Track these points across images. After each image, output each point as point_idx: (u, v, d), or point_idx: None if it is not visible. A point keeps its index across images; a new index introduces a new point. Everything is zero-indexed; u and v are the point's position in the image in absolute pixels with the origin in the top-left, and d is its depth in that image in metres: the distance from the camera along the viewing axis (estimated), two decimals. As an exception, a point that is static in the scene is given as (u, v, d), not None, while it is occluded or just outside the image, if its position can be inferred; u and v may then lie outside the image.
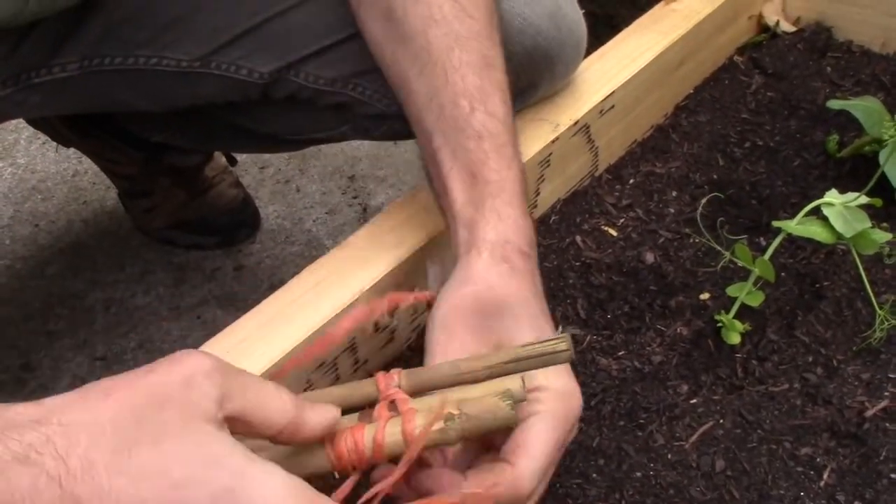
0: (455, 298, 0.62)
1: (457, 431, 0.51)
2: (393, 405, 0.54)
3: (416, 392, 0.56)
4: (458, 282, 0.63)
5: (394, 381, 0.56)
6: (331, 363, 0.72)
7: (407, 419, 0.52)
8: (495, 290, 0.61)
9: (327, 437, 0.52)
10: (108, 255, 1.33)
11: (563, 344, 0.54)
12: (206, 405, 0.43)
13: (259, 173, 1.48)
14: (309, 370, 0.69)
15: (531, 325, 0.61)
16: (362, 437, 0.52)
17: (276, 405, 0.47)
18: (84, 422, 0.39)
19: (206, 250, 1.32)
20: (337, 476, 0.53)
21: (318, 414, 0.49)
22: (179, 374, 0.43)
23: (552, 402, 0.57)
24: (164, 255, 1.32)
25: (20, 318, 1.23)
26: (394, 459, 0.52)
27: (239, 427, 0.45)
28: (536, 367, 0.55)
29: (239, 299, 1.24)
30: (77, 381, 1.14)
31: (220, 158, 1.31)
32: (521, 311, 0.61)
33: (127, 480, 0.38)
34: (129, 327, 1.21)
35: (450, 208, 0.67)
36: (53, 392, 1.10)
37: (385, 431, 0.52)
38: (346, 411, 0.57)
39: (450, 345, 0.60)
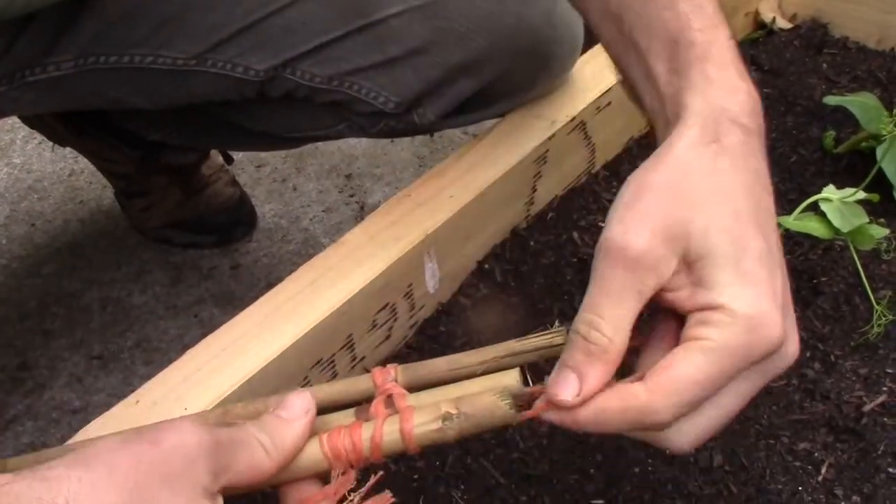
0: (645, 178, 0.50)
1: (455, 431, 0.51)
2: (390, 400, 0.54)
3: (413, 387, 0.56)
4: (653, 159, 0.51)
5: (390, 376, 0.56)
6: (328, 360, 0.72)
7: (405, 418, 0.51)
8: (692, 176, 0.49)
9: (323, 436, 0.51)
10: (104, 254, 1.32)
11: (559, 338, 0.54)
12: (207, 484, 0.44)
13: (255, 172, 1.47)
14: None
15: (730, 230, 0.48)
16: (360, 437, 0.51)
17: (262, 459, 0.47)
18: (91, 499, 0.40)
19: (202, 249, 1.32)
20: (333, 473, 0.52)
21: (295, 440, 0.50)
22: (180, 453, 0.43)
23: (728, 331, 0.46)
24: (160, 253, 1.32)
25: (16, 317, 1.22)
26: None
27: (231, 490, 0.46)
28: (532, 361, 0.55)
29: (236, 298, 1.24)
30: (74, 381, 1.14)
31: (216, 157, 1.30)
32: (721, 209, 0.49)
33: None
34: (126, 326, 1.21)
35: (654, 87, 0.56)
36: (50, 391, 1.09)
37: (383, 430, 0.51)
38: (342, 406, 0.57)
39: (632, 229, 0.48)
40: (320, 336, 0.70)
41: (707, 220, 0.48)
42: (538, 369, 0.75)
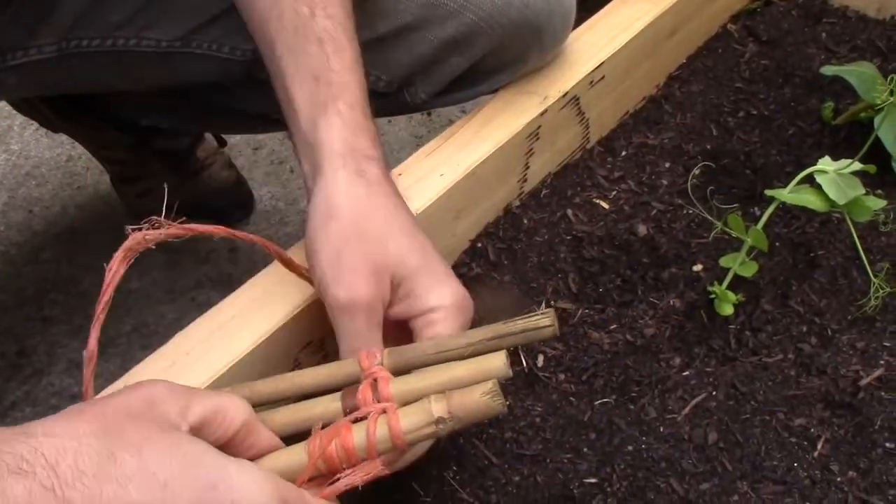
0: (332, 233, 0.61)
1: (447, 431, 0.51)
2: (376, 384, 0.54)
3: (399, 370, 0.55)
4: (325, 212, 0.62)
5: (376, 360, 0.55)
6: (318, 341, 0.71)
7: (393, 421, 0.51)
8: (366, 219, 0.61)
9: (315, 443, 0.51)
10: (102, 239, 1.32)
11: (546, 319, 0.53)
12: (172, 418, 0.45)
13: (253, 154, 1.47)
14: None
15: (412, 248, 0.61)
16: (352, 444, 0.51)
17: (231, 405, 0.49)
18: (68, 434, 0.41)
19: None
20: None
21: (266, 431, 0.52)
22: (140, 396, 0.46)
23: (447, 321, 0.59)
24: (158, 238, 1.31)
25: (15, 303, 1.23)
26: None
27: (203, 434, 0.47)
28: (521, 343, 0.54)
29: (234, 281, 1.22)
30: (72, 367, 1.14)
31: (211, 140, 1.30)
32: (398, 235, 0.61)
33: (117, 485, 0.40)
34: (124, 311, 1.21)
35: (295, 118, 0.66)
36: (49, 377, 1.10)
37: (376, 437, 0.51)
38: (329, 390, 0.57)
39: (352, 283, 0.59)
40: (310, 318, 0.69)
41: (397, 249, 0.60)
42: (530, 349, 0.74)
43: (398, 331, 0.62)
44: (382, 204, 0.62)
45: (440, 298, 0.60)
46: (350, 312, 0.59)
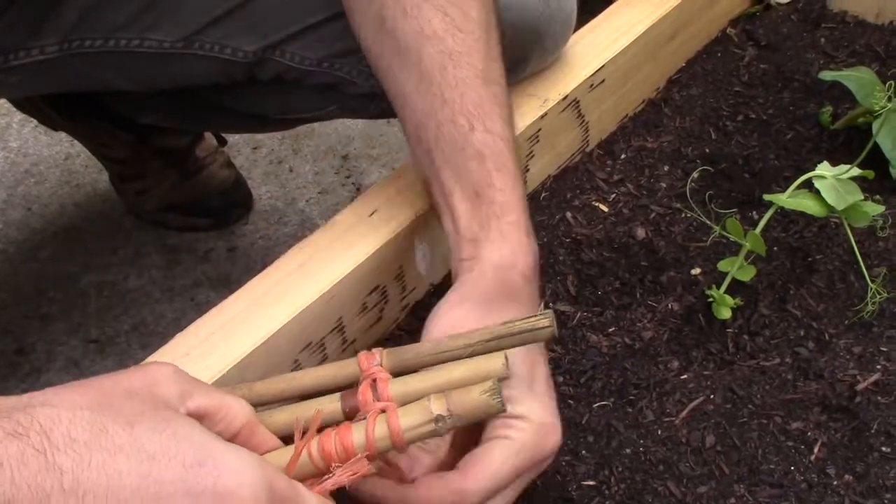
0: (450, 317, 0.61)
1: (446, 429, 0.51)
2: (375, 384, 0.54)
3: (398, 371, 0.55)
4: (456, 300, 0.62)
5: (375, 360, 0.56)
6: (318, 343, 0.71)
7: (395, 421, 0.51)
8: (491, 314, 0.60)
9: (311, 443, 0.51)
10: (101, 237, 1.32)
11: (544, 321, 0.53)
12: (170, 399, 0.46)
13: (252, 154, 1.47)
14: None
15: (525, 359, 0.59)
16: (352, 443, 0.51)
17: (234, 404, 0.50)
18: (63, 405, 0.42)
19: (198, 232, 1.31)
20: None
21: (268, 435, 0.52)
22: (143, 377, 0.46)
23: (525, 434, 0.57)
24: (156, 237, 1.31)
25: (13, 301, 1.23)
26: None
27: (203, 425, 0.47)
28: (518, 345, 0.54)
29: (232, 280, 1.24)
30: (71, 365, 1.14)
31: (210, 139, 1.30)
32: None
33: (106, 454, 0.41)
34: (123, 310, 1.21)
35: (455, 225, 0.67)
36: (47, 375, 1.10)
37: (375, 436, 0.51)
38: (329, 391, 0.57)
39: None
40: (310, 319, 0.69)
41: (511, 354, 0.57)
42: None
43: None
44: (515, 313, 0.60)
45: (530, 412, 0.58)
46: None
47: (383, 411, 0.52)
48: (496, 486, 0.56)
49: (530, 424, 0.57)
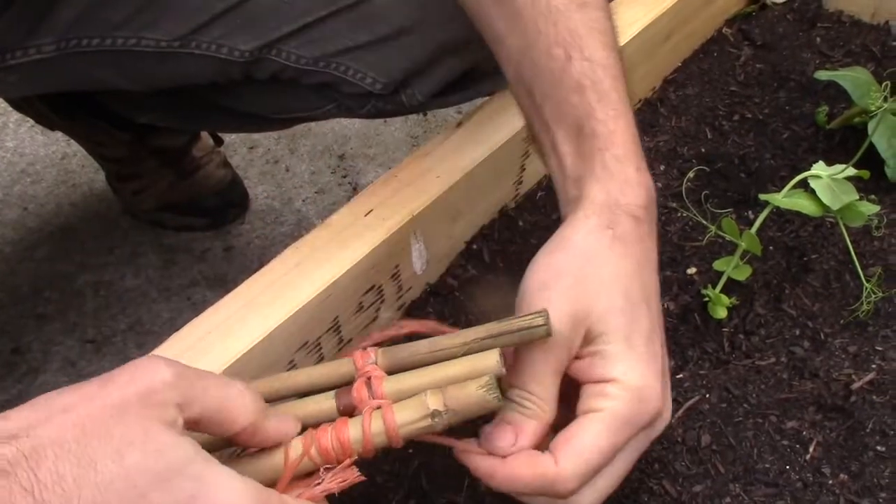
0: (553, 263, 0.58)
1: (443, 425, 0.51)
2: (370, 382, 0.54)
3: (393, 369, 0.55)
4: (556, 242, 0.59)
5: (370, 359, 0.56)
6: (314, 342, 0.71)
7: (391, 415, 0.51)
8: (593, 264, 0.57)
9: (308, 437, 0.51)
10: (97, 237, 1.32)
11: (540, 319, 0.53)
12: (166, 413, 0.44)
13: (248, 153, 1.47)
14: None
15: (624, 311, 0.56)
16: (348, 438, 0.51)
17: (238, 405, 0.48)
18: (50, 438, 0.41)
19: (195, 231, 1.31)
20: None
21: (279, 424, 0.51)
22: (137, 386, 0.44)
23: (619, 402, 0.53)
24: (153, 237, 1.31)
25: (9, 301, 1.22)
26: None
27: (202, 427, 0.47)
28: (514, 343, 0.54)
29: (229, 280, 1.24)
30: (67, 365, 1.14)
31: (207, 139, 1.30)
32: (617, 293, 0.56)
33: (95, 491, 0.40)
34: (119, 309, 1.21)
35: (559, 165, 0.62)
36: (44, 375, 1.09)
37: (371, 432, 0.51)
38: (324, 389, 0.57)
39: (541, 302, 0.56)
40: (306, 318, 0.69)
41: (606, 304, 0.55)
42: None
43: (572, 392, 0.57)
44: (618, 260, 0.57)
45: (625, 374, 0.54)
46: (530, 344, 0.55)
47: (379, 408, 0.52)
48: (592, 467, 0.52)
49: (625, 390, 0.53)
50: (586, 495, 0.54)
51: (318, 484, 0.50)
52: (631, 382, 0.54)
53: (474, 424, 0.70)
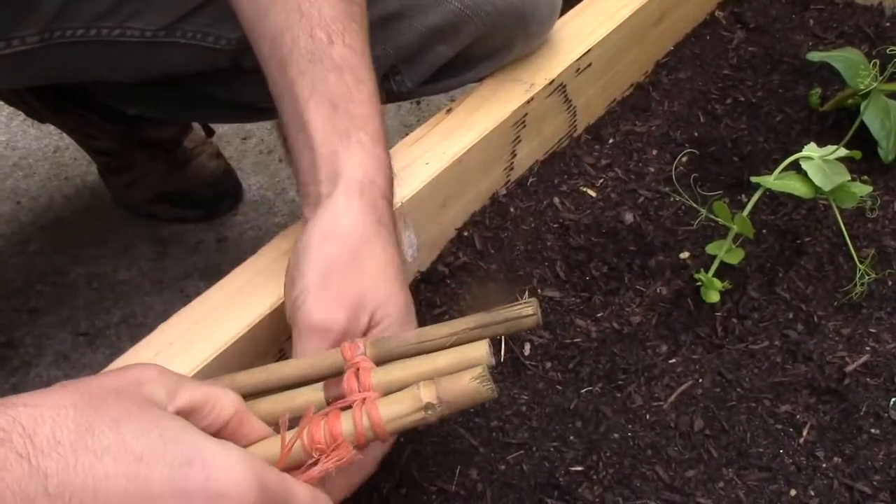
0: (327, 254, 0.60)
1: (436, 417, 0.51)
2: (358, 374, 0.54)
3: (382, 360, 0.55)
4: (326, 227, 0.61)
5: (359, 350, 0.55)
6: (304, 332, 0.71)
7: (373, 410, 0.51)
8: (364, 249, 0.60)
9: (303, 430, 0.51)
10: (90, 230, 1.31)
11: (528, 308, 0.53)
12: (158, 398, 0.45)
13: (241, 144, 1.46)
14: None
15: (398, 295, 0.61)
16: (340, 430, 0.51)
17: (222, 395, 0.49)
18: (47, 405, 0.41)
19: (188, 223, 1.31)
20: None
21: (259, 422, 0.51)
22: (129, 377, 0.45)
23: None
24: (146, 229, 1.31)
25: (2, 295, 1.22)
26: None
27: (192, 419, 0.47)
28: (503, 333, 0.54)
29: (222, 271, 1.20)
30: (60, 358, 1.13)
31: (199, 130, 1.29)
32: (390, 282, 0.61)
33: (92, 456, 0.40)
34: (112, 302, 1.20)
35: (308, 141, 0.63)
36: (37, 369, 1.09)
37: (364, 425, 0.51)
38: (313, 380, 0.57)
39: (331, 310, 0.59)
40: (295, 308, 0.69)
41: (386, 293, 0.59)
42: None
43: None
44: (385, 246, 0.61)
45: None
46: (319, 337, 0.58)
47: (371, 400, 0.52)
48: None
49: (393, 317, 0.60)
50: None
51: (314, 464, 0.50)
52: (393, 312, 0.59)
53: (464, 414, 0.70)
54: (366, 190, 0.61)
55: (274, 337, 0.68)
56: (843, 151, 0.75)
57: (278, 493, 0.45)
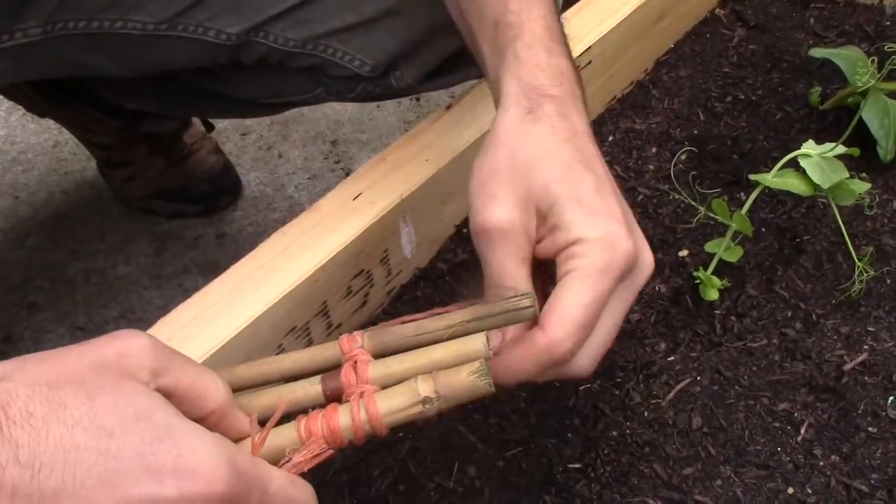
0: (485, 164, 0.59)
1: (434, 412, 0.51)
2: (356, 367, 0.54)
3: (380, 353, 0.55)
4: (486, 144, 0.60)
5: (357, 343, 0.55)
6: (303, 327, 0.71)
7: (370, 404, 0.51)
8: (521, 150, 0.58)
9: (301, 423, 0.51)
10: (88, 225, 1.31)
11: (525, 300, 0.53)
12: (140, 373, 0.44)
13: (240, 140, 1.46)
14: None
15: (564, 178, 0.56)
16: (338, 425, 0.51)
17: (211, 384, 0.48)
18: (23, 380, 0.41)
19: (187, 218, 1.31)
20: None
21: (242, 419, 0.50)
22: (115, 347, 0.44)
23: (588, 257, 0.53)
24: (145, 224, 1.31)
25: (0, 290, 1.22)
26: None
27: (174, 401, 0.46)
28: (500, 325, 0.54)
29: (221, 267, 1.21)
30: (59, 353, 1.13)
31: (198, 125, 1.29)
32: (551, 165, 0.57)
33: (63, 428, 0.40)
34: (111, 297, 1.20)
35: (485, 69, 0.65)
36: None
37: (361, 419, 0.51)
38: (311, 373, 0.57)
39: (492, 207, 0.57)
40: (294, 303, 0.69)
41: (543, 177, 0.56)
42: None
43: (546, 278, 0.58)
44: (544, 137, 0.58)
45: (585, 230, 0.54)
46: (487, 239, 0.56)
47: (369, 394, 0.52)
48: (581, 325, 0.53)
49: (589, 243, 0.54)
50: (585, 354, 0.55)
51: (287, 461, 0.49)
52: (593, 234, 0.54)
53: (462, 411, 0.70)
54: (521, 98, 0.59)
55: (274, 333, 0.68)
56: (841, 149, 0.75)
57: (251, 475, 0.45)
